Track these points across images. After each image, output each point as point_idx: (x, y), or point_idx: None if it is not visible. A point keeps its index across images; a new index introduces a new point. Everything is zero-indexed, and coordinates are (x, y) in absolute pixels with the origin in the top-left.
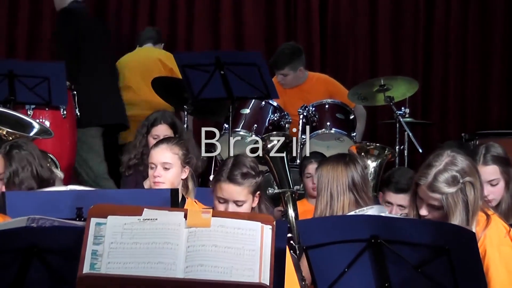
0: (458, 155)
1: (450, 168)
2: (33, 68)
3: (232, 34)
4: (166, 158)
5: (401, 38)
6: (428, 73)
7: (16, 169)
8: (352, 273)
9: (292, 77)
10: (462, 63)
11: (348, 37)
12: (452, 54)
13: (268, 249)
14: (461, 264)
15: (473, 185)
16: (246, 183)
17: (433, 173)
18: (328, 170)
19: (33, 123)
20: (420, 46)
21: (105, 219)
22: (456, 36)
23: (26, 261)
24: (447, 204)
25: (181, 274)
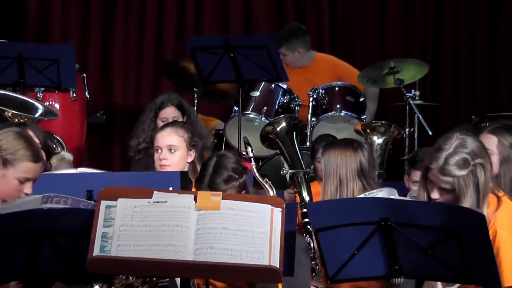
0: (467, 137)
1: (461, 150)
2: (42, 50)
3: (241, 18)
4: (171, 140)
5: (410, 20)
6: (438, 55)
7: None
8: (362, 256)
9: (291, 57)
10: (472, 45)
11: (358, 19)
12: (462, 36)
13: (278, 231)
14: (471, 246)
15: (483, 167)
16: (229, 190)
17: (444, 156)
18: (336, 155)
19: (37, 105)
20: (430, 28)
21: (115, 201)
22: (466, 18)
23: (37, 243)
24: (459, 187)
25: (191, 256)
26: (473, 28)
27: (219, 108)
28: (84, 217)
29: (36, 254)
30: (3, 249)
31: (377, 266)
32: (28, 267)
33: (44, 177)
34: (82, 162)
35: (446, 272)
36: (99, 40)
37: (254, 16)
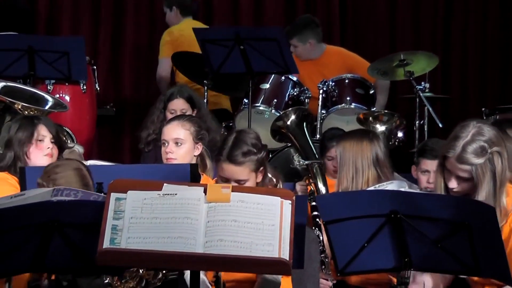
0: (484, 125)
1: (478, 138)
2: (52, 42)
3: (251, 10)
4: (177, 134)
5: (421, 12)
6: (448, 48)
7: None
8: (372, 248)
9: (302, 49)
10: (482, 37)
11: (368, 11)
12: (472, 27)
13: (287, 224)
14: (481, 239)
15: (500, 155)
16: (247, 162)
17: (461, 144)
18: (352, 145)
19: (47, 97)
20: (440, 20)
21: (125, 194)
22: (476, 9)
23: (47, 235)
24: (476, 175)
25: (200, 249)
26: (484, 19)
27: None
28: (94, 210)
29: (46, 247)
30: (13, 241)
31: (387, 258)
32: (38, 259)
33: None
34: (92, 154)
35: (456, 265)
36: (109, 32)
37: (264, 8)
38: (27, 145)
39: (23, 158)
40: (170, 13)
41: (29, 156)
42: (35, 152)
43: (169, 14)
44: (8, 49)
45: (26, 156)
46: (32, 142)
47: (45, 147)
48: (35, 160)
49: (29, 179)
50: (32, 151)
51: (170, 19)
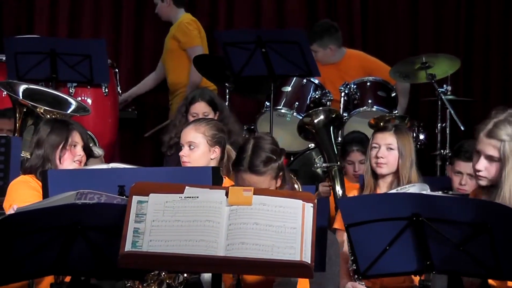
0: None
1: (510, 119)
2: (74, 45)
3: (272, 13)
4: (190, 137)
5: (442, 15)
6: (470, 50)
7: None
8: (394, 251)
9: (322, 54)
10: (504, 40)
11: (389, 14)
12: (494, 30)
13: (309, 227)
14: (503, 242)
15: None
16: (269, 171)
17: (493, 122)
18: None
19: (70, 100)
20: (462, 23)
21: (147, 197)
22: (498, 12)
23: (71, 238)
24: (503, 151)
25: (222, 252)
26: (506, 23)
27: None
28: (116, 213)
29: (69, 249)
30: (37, 243)
31: (409, 261)
32: (61, 261)
33: (76, 172)
34: (114, 157)
35: (477, 267)
36: (130, 35)
37: (286, 11)
38: (60, 149)
39: (54, 161)
40: (162, 3)
41: (62, 160)
42: (68, 157)
43: (161, 5)
44: (30, 52)
45: (58, 160)
46: (66, 148)
47: (77, 153)
48: (66, 165)
49: (52, 183)
50: (66, 156)
51: (163, 10)
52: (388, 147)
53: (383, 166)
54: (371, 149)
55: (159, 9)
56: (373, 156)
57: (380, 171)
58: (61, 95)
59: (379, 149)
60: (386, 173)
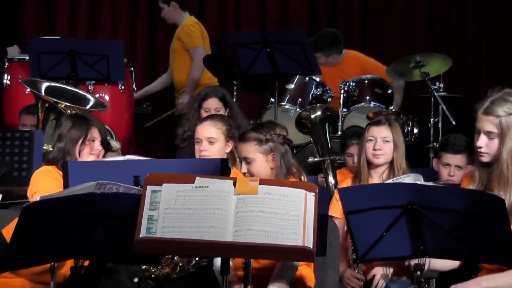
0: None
1: (506, 97)
2: (92, 46)
3: (276, 14)
4: (210, 133)
5: (435, 16)
6: (461, 50)
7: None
8: (389, 237)
9: (324, 61)
10: (494, 40)
11: (386, 16)
12: (485, 31)
13: (311, 214)
14: (492, 228)
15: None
16: (252, 141)
17: (489, 100)
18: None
19: (89, 97)
20: (454, 25)
21: (160, 186)
22: (488, 13)
23: (89, 225)
24: (501, 127)
25: (230, 237)
26: (495, 24)
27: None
28: (132, 202)
29: (88, 235)
30: (58, 230)
31: (404, 247)
32: (80, 246)
33: (94, 163)
34: (130, 150)
35: (468, 252)
36: (145, 37)
37: (289, 13)
38: (80, 144)
39: (74, 154)
40: (169, 8)
41: (81, 154)
42: (84, 151)
43: (168, 10)
44: (52, 52)
45: (78, 154)
46: (85, 142)
47: (95, 147)
48: (85, 159)
49: (72, 173)
50: (86, 150)
51: (169, 14)
52: (384, 139)
53: (380, 157)
54: (367, 141)
55: (166, 13)
56: (370, 148)
57: (377, 162)
58: (80, 92)
59: (376, 141)
60: (382, 163)
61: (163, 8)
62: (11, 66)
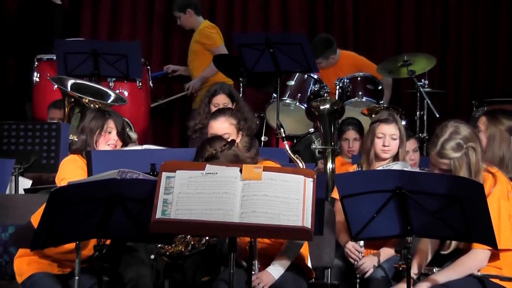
0: (461, 124)
1: (455, 136)
2: (113, 46)
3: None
4: (224, 129)
5: (421, 20)
6: (444, 50)
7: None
8: (380, 218)
9: (326, 63)
10: (473, 41)
11: (377, 19)
12: (465, 33)
13: (310, 198)
14: (471, 210)
15: (474, 150)
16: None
17: (440, 142)
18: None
19: (110, 92)
20: (437, 27)
21: (174, 173)
22: (468, 17)
23: (111, 208)
24: (454, 167)
25: (237, 219)
26: (474, 27)
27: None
28: (149, 187)
29: (109, 217)
30: (83, 212)
31: (392, 227)
32: (102, 227)
33: (115, 152)
34: (147, 140)
35: (450, 232)
36: (160, 38)
37: (290, 16)
38: (96, 135)
39: (92, 145)
40: (185, 15)
41: (97, 144)
42: (102, 141)
43: (184, 17)
44: (76, 52)
45: (95, 144)
46: (102, 133)
47: (111, 138)
48: (100, 147)
49: (95, 161)
50: (101, 140)
51: (186, 21)
52: (392, 137)
53: (388, 152)
54: (377, 138)
55: (183, 21)
56: (380, 144)
57: (385, 156)
58: (102, 88)
59: (385, 138)
60: (389, 157)
61: (179, 16)
62: (40, 65)
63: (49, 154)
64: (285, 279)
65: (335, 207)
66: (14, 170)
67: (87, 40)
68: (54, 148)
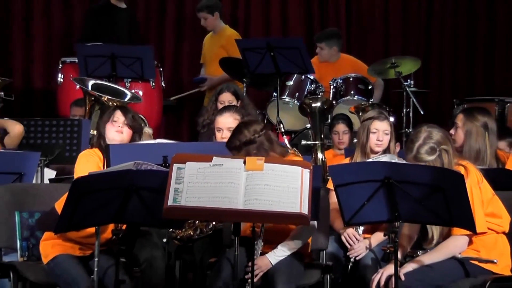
0: (433, 129)
1: (428, 141)
2: (129, 50)
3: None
4: (229, 123)
5: (407, 25)
6: (428, 53)
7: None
8: (370, 205)
9: (326, 52)
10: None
11: (368, 24)
12: (447, 37)
13: (306, 187)
14: (453, 198)
15: (447, 151)
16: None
17: (416, 147)
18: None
19: (126, 92)
20: (422, 33)
21: (184, 164)
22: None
23: (127, 196)
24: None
25: (241, 206)
26: (455, 32)
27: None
28: (162, 177)
29: (126, 204)
30: (102, 199)
31: (381, 213)
32: (119, 213)
33: (131, 146)
34: (160, 134)
35: (434, 218)
36: (172, 43)
37: (288, 19)
38: (107, 124)
39: (103, 135)
40: (212, 17)
41: (106, 131)
42: (109, 127)
43: (211, 19)
44: (96, 56)
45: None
46: (110, 122)
47: (117, 125)
48: (108, 134)
49: (113, 154)
50: (108, 127)
51: (212, 23)
52: (385, 132)
53: (381, 146)
54: (371, 133)
55: (208, 22)
56: (374, 139)
57: (378, 149)
58: (119, 87)
59: (378, 133)
60: (381, 150)
61: (205, 17)
62: (64, 67)
63: (72, 148)
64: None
65: (330, 198)
66: (40, 162)
67: (106, 44)
68: (76, 142)
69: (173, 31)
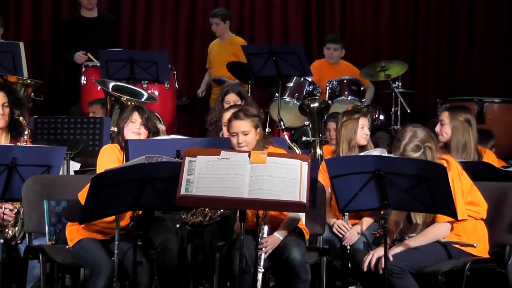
0: (418, 128)
1: (413, 140)
2: (146, 55)
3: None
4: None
5: (396, 33)
6: (414, 57)
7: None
8: (362, 194)
9: (339, 53)
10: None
11: (360, 30)
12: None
13: (305, 178)
14: (436, 188)
15: (430, 149)
16: (247, 119)
17: (402, 145)
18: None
19: (143, 92)
20: (409, 39)
21: (195, 158)
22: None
23: (142, 186)
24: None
25: (246, 195)
26: (439, 38)
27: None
28: (171, 167)
29: (141, 194)
30: (120, 190)
31: (373, 201)
32: (136, 202)
33: (147, 141)
34: (173, 131)
35: (419, 205)
36: (184, 48)
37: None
38: (125, 124)
39: (122, 134)
40: (224, 25)
41: (125, 132)
42: (127, 129)
43: (223, 26)
44: (116, 60)
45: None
46: (127, 123)
47: (134, 127)
48: (127, 135)
49: (131, 149)
50: (126, 129)
51: (222, 30)
52: (368, 127)
53: (367, 138)
54: (358, 128)
55: (220, 28)
56: (362, 133)
57: (364, 142)
58: (137, 89)
59: (364, 128)
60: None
61: (217, 23)
62: (87, 70)
63: (94, 143)
64: (289, 239)
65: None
66: (66, 155)
67: (125, 50)
68: (98, 138)
69: (185, 38)
